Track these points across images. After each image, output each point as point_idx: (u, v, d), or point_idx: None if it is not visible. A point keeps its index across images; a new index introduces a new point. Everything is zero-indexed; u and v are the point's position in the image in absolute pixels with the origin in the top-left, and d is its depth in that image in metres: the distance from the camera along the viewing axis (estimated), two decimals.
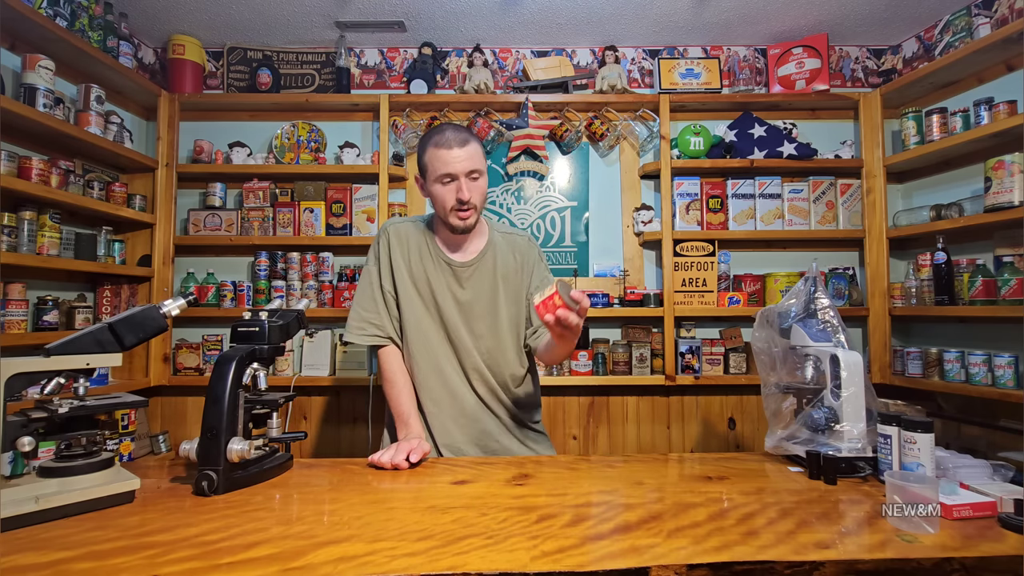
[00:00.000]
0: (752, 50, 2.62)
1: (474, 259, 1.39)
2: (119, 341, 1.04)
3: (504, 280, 1.41)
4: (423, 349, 1.39)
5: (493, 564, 0.75)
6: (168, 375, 2.42)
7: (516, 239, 1.45)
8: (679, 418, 2.54)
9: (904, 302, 2.35)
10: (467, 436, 1.41)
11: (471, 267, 1.39)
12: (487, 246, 1.41)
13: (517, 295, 1.42)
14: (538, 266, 1.45)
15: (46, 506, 0.90)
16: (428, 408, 1.41)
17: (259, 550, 0.80)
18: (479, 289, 1.39)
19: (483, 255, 1.40)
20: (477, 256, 1.40)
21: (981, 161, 2.00)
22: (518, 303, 1.43)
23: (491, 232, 1.44)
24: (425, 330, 1.39)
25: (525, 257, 1.44)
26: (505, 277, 1.41)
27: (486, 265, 1.40)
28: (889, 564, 0.77)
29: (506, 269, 1.41)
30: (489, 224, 1.47)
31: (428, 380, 1.40)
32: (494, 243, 1.42)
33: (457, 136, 1.29)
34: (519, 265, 1.43)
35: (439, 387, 1.40)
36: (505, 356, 1.42)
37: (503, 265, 1.41)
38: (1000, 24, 2.11)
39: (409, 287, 1.39)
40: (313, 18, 2.40)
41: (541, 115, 2.53)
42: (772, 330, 1.36)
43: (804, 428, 1.23)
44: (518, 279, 1.42)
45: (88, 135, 1.97)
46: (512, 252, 1.43)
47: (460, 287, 1.39)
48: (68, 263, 1.96)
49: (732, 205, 2.50)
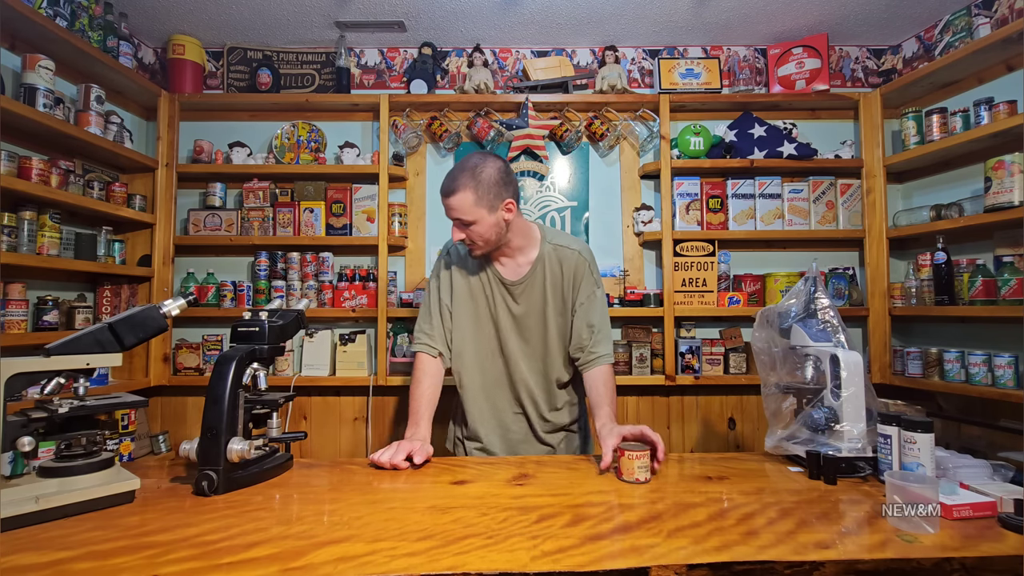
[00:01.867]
0: (752, 50, 2.62)
1: (524, 276, 1.44)
2: (119, 341, 1.04)
3: (553, 293, 1.44)
4: (474, 361, 1.48)
5: (493, 564, 0.75)
6: (168, 375, 2.42)
7: (566, 252, 1.45)
8: (679, 418, 2.54)
9: (904, 302, 2.35)
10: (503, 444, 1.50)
11: (522, 284, 1.44)
12: (536, 261, 1.44)
13: (564, 307, 1.45)
14: (586, 280, 1.44)
15: (46, 506, 0.91)
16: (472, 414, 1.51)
17: (259, 550, 0.80)
18: (530, 303, 1.45)
19: (533, 271, 1.44)
20: (527, 273, 1.44)
21: (981, 161, 2.00)
22: (564, 315, 1.45)
23: (542, 244, 1.45)
24: (478, 343, 1.48)
25: (575, 271, 1.44)
26: (554, 290, 1.44)
27: (536, 280, 1.44)
28: (889, 564, 0.77)
29: (554, 282, 1.44)
30: (543, 234, 1.47)
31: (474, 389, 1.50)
32: (543, 257, 1.44)
33: (448, 184, 1.34)
34: (567, 279, 1.44)
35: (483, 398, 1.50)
36: (552, 364, 1.47)
37: (552, 278, 1.44)
38: (1000, 24, 2.11)
39: (467, 302, 1.47)
40: (313, 18, 2.39)
41: (541, 115, 2.53)
42: (772, 330, 1.36)
43: (804, 428, 1.23)
44: (565, 292, 1.45)
45: (88, 135, 1.96)
46: (561, 266, 1.44)
47: (515, 302, 1.46)
48: (68, 263, 1.96)
49: (732, 205, 2.50)
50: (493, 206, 1.33)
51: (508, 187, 1.35)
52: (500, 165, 1.36)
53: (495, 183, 1.33)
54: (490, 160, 1.35)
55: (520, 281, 1.44)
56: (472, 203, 1.31)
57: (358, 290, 2.43)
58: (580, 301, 1.43)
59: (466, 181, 1.31)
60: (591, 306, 1.43)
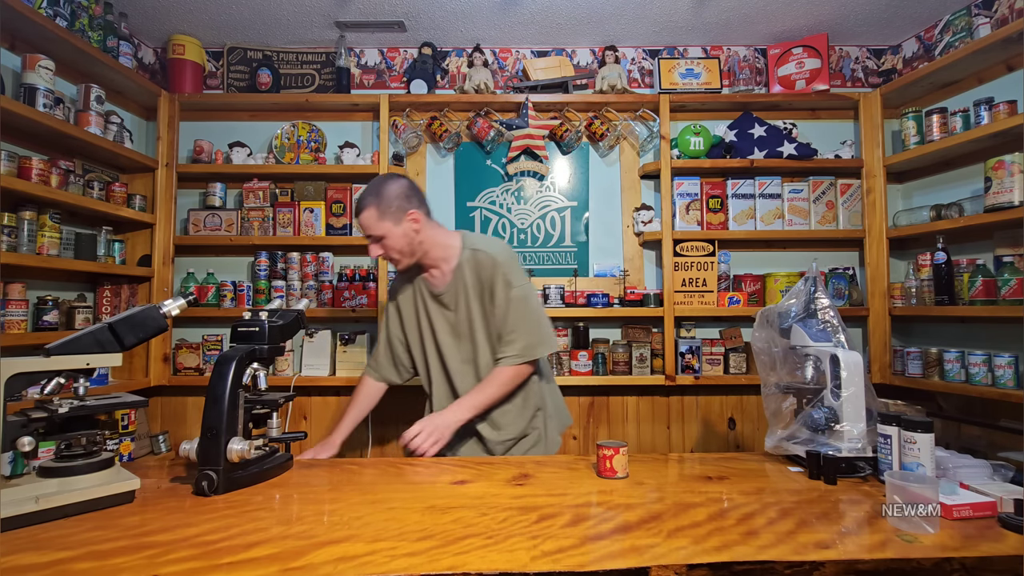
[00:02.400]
0: (752, 50, 2.62)
1: (448, 284, 1.49)
2: (119, 341, 1.04)
3: (475, 298, 1.48)
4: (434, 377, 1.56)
5: (493, 564, 0.75)
6: (168, 375, 2.42)
7: (481, 256, 1.46)
8: (679, 418, 2.54)
9: (904, 302, 2.35)
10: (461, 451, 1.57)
11: (448, 292, 1.50)
12: (456, 268, 1.49)
13: (485, 311, 1.48)
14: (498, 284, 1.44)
15: (46, 506, 0.91)
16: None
17: (259, 550, 0.80)
18: (459, 311, 1.50)
19: (455, 278, 1.49)
20: (451, 281, 1.49)
21: (981, 161, 2.00)
22: (486, 318, 1.48)
23: (463, 251, 1.49)
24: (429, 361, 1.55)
25: (490, 275, 1.45)
26: (476, 295, 1.48)
27: (459, 286, 1.48)
28: (889, 564, 0.77)
29: (475, 287, 1.48)
30: (463, 241, 1.51)
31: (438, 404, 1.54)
32: (461, 264, 1.48)
33: (356, 205, 1.46)
34: (484, 283, 1.46)
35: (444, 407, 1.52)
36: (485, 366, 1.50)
37: (472, 283, 1.48)
38: (1000, 24, 2.11)
39: (413, 331, 1.57)
40: (313, 18, 2.39)
41: (541, 115, 2.53)
42: (772, 330, 1.36)
43: (804, 428, 1.23)
44: (484, 297, 1.47)
45: (88, 135, 1.96)
46: (476, 270, 1.47)
47: (448, 310, 1.51)
48: (68, 263, 1.96)
49: (732, 205, 2.50)
50: (398, 219, 1.41)
51: (411, 200, 1.43)
52: (404, 182, 1.46)
53: (396, 197, 1.42)
54: (392, 179, 1.46)
55: (445, 290, 1.49)
56: (377, 218, 1.41)
57: (358, 290, 2.43)
58: (495, 308, 1.45)
59: (370, 200, 1.42)
60: (505, 310, 1.45)
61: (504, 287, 1.44)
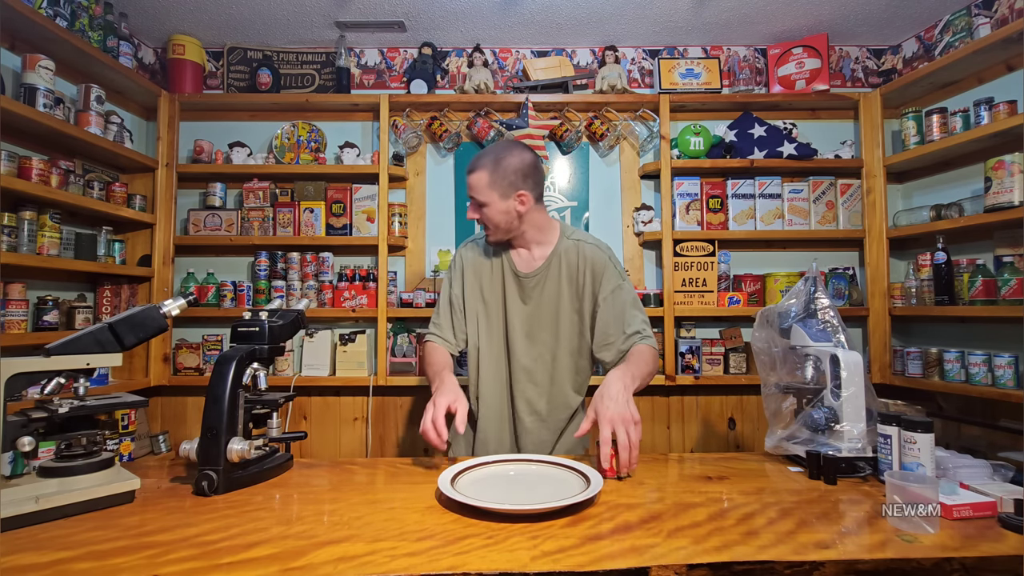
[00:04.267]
0: (752, 50, 2.62)
1: (538, 269, 1.41)
2: (119, 341, 1.04)
3: (568, 285, 1.41)
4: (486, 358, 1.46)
5: (493, 564, 0.75)
6: (168, 375, 2.42)
7: (585, 246, 1.41)
8: (679, 418, 2.54)
9: (904, 302, 2.35)
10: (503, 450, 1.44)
11: (535, 277, 1.42)
12: (552, 255, 1.42)
13: (580, 304, 1.41)
14: (608, 273, 1.39)
15: (46, 506, 0.90)
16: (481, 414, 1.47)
17: (259, 550, 0.80)
18: (543, 299, 1.42)
19: (547, 264, 1.41)
20: (542, 266, 1.41)
21: (981, 161, 2.00)
22: (581, 313, 1.41)
23: (560, 239, 1.43)
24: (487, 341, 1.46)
25: (594, 263, 1.40)
26: (570, 282, 1.41)
27: (551, 273, 1.41)
28: (889, 564, 0.77)
29: (570, 274, 1.41)
30: (562, 231, 1.45)
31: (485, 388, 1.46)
32: (559, 251, 1.42)
33: (472, 162, 1.36)
34: (584, 271, 1.40)
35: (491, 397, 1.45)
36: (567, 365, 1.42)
37: (568, 270, 1.41)
38: (1000, 24, 2.11)
39: (477, 301, 1.47)
40: (313, 18, 2.40)
41: (541, 115, 2.53)
42: (772, 330, 1.36)
43: (804, 428, 1.23)
44: (583, 285, 1.40)
45: (88, 135, 1.96)
46: (579, 257, 1.41)
47: (528, 298, 1.43)
48: (68, 263, 1.96)
49: (732, 205, 2.50)
50: (506, 193, 1.33)
51: (527, 180, 1.35)
52: (527, 158, 1.36)
53: (512, 172, 1.33)
54: (517, 151, 1.36)
55: (533, 274, 1.41)
56: (486, 184, 1.33)
57: (358, 290, 2.43)
58: (604, 295, 1.37)
59: (487, 163, 1.33)
60: (618, 297, 1.37)
61: (616, 278, 1.39)
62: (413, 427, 2.48)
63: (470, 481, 1.07)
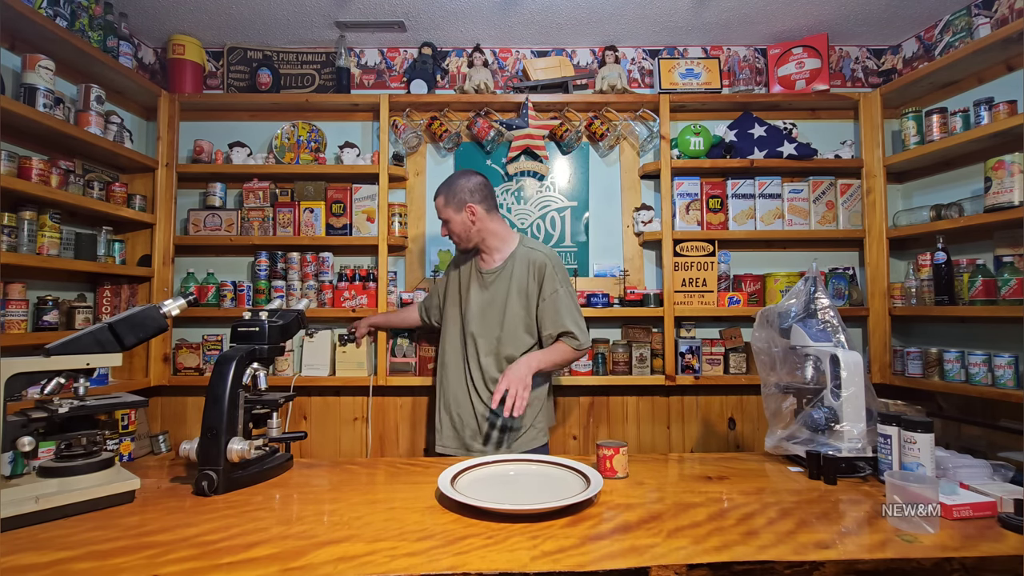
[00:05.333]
0: (752, 50, 2.62)
1: (497, 267, 1.77)
2: (119, 341, 1.04)
3: (517, 285, 1.73)
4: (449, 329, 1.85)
5: (493, 564, 0.75)
6: (168, 375, 2.42)
7: (535, 254, 1.74)
8: (679, 418, 2.54)
9: (904, 302, 2.35)
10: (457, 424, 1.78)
11: (494, 273, 1.77)
12: (509, 257, 1.76)
13: (527, 302, 1.73)
14: (548, 279, 1.70)
15: (46, 506, 0.91)
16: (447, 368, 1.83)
17: (259, 550, 0.80)
18: (496, 291, 1.76)
19: (504, 264, 1.76)
20: (500, 265, 1.77)
21: (981, 161, 2.00)
22: (528, 308, 1.73)
23: (518, 247, 1.77)
24: (452, 315, 1.85)
25: (540, 269, 1.71)
26: (518, 282, 1.73)
27: (505, 271, 1.75)
28: (889, 564, 0.77)
29: (520, 276, 1.73)
30: (521, 241, 1.79)
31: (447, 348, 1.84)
32: (515, 256, 1.76)
33: (436, 190, 1.78)
34: (532, 275, 1.72)
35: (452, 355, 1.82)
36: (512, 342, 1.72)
37: (519, 272, 1.73)
38: (1000, 24, 2.11)
39: (453, 288, 1.87)
40: (313, 18, 2.39)
41: (541, 115, 2.52)
42: (772, 330, 1.37)
43: (804, 428, 1.23)
44: (530, 287, 1.72)
45: (88, 135, 1.96)
46: (528, 263, 1.73)
47: (485, 289, 1.78)
48: (68, 263, 1.96)
49: (732, 205, 2.50)
50: (459, 208, 1.72)
51: (474, 195, 1.72)
52: (475, 180, 1.75)
53: (461, 190, 1.72)
54: (466, 175, 1.77)
55: (492, 271, 1.77)
56: (443, 205, 1.75)
57: (358, 290, 2.43)
58: (544, 296, 1.70)
59: (442, 189, 1.76)
60: (554, 300, 1.69)
61: (554, 283, 1.70)
62: (414, 427, 2.49)
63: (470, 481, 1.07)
